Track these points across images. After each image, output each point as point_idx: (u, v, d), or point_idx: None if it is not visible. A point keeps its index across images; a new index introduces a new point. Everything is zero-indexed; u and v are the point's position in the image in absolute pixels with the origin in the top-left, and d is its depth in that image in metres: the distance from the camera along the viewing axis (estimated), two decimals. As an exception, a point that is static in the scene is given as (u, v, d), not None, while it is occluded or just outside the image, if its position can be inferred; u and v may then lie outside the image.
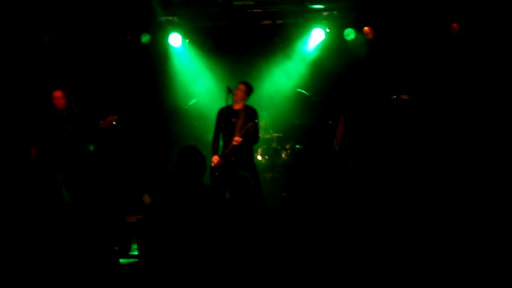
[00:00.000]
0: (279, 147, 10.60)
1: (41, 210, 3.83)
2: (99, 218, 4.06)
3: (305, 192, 4.83)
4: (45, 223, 3.79)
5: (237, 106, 8.36)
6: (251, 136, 8.23)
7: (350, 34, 10.24)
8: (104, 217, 6.54)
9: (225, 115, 8.29)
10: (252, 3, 10.30)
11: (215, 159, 8.29)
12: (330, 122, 10.06)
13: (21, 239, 3.71)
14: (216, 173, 8.22)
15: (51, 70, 10.26)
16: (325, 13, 10.75)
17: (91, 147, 7.93)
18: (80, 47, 10.51)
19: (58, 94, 7.67)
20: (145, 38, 10.77)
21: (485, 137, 8.90)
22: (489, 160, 8.54)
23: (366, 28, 10.19)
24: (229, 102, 8.34)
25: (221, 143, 8.53)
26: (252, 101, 8.68)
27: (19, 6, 9.54)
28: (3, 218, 3.75)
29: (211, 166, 8.25)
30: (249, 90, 8.40)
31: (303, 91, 10.82)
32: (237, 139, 8.11)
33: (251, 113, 8.31)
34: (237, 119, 8.26)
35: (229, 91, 8.24)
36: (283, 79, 11.10)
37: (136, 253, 7.03)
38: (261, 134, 9.60)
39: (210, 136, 8.60)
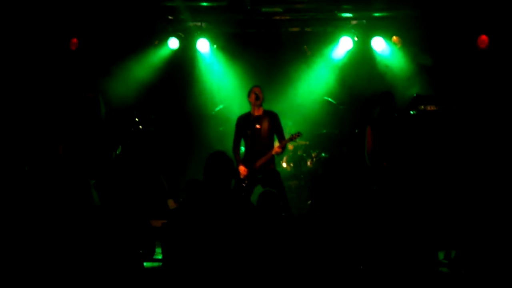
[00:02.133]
0: (304, 155, 10.56)
1: (70, 212, 3.86)
2: (125, 221, 4.08)
3: (331, 200, 4.78)
4: (74, 225, 3.81)
5: (258, 112, 8.17)
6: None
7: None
8: (130, 221, 6.57)
9: (248, 122, 8.14)
10: (281, 10, 10.29)
11: (243, 170, 8.07)
12: (356, 130, 10.00)
13: (49, 240, 3.74)
14: (246, 183, 8.07)
15: (81, 73, 10.33)
16: (354, 22, 10.74)
17: (118, 150, 7.93)
18: (110, 50, 10.58)
19: (90, 96, 7.66)
20: (173, 44, 10.84)
21: None
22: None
23: (394, 37, 10.16)
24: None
25: (242, 149, 8.44)
26: (279, 108, 8.64)
27: (52, 8, 9.63)
28: (34, 219, 3.79)
29: (239, 177, 8.05)
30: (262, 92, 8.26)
31: (330, 99, 10.78)
32: (277, 150, 8.01)
33: (273, 118, 8.17)
34: (261, 125, 8.13)
35: (257, 97, 8.10)
36: (310, 87, 11.06)
37: (160, 257, 7.05)
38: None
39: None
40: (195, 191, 4.79)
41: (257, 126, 8.10)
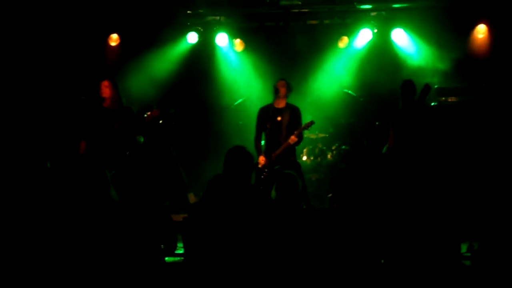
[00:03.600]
0: (324, 147, 10.53)
1: (89, 208, 3.87)
2: (146, 216, 4.09)
3: (352, 193, 4.76)
4: (93, 221, 3.83)
5: (280, 105, 8.17)
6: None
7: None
8: (150, 215, 6.58)
9: (269, 114, 8.15)
10: (299, 2, 10.25)
11: (262, 159, 8.11)
12: (377, 123, 9.95)
13: (69, 236, 3.76)
14: (265, 174, 8.09)
15: (101, 66, 10.37)
16: (373, 13, 10.68)
17: (141, 139, 7.90)
18: (129, 45, 10.64)
19: (105, 83, 7.61)
20: (192, 38, 10.88)
21: None
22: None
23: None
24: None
25: (262, 142, 8.44)
26: (298, 101, 8.61)
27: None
28: (55, 215, 3.81)
29: (258, 167, 8.08)
30: (289, 87, 8.24)
31: (350, 91, 10.73)
32: (293, 138, 7.99)
33: (294, 111, 8.18)
34: (282, 117, 8.13)
35: (277, 91, 8.11)
36: (330, 79, 11.03)
37: (181, 251, 7.07)
38: (307, 134, 9.52)
39: (253, 136, 8.47)
40: (214, 184, 4.79)
41: (278, 118, 8.10)
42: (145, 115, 7.64)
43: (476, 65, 9.83)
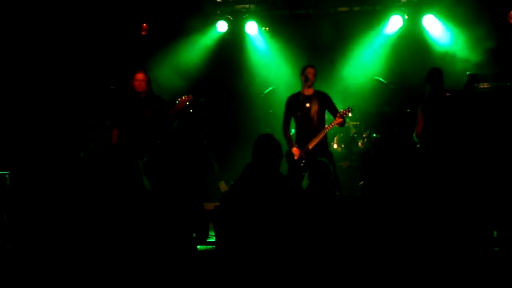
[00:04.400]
0: (355, 135, 10.48)
1: (122, 197, 3.92)
2: (178, 205, 4.12)
3: (384, 182, 4.76)
4: (126, 210, 3.87)
5: (309, 92, 8.09)
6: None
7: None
8: (182, 204, 6.63)
9: (298, 101, 8.07)
10: (329, -11, 10.22)
11: (296, 151, 7.98)
12: (408, 110, 9.87)
13: (103, 225, 3.81)
14: (302, 165, 7.99)
15: (133, 57, 10.43)
16: (404, 0, 10.58)
17: (174, 125, 7.90)
18: (160, 34, 10.68)
19: (140, 76, 7.68)
20: (222, 27, 10.90)
21: None
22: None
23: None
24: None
25: (292, 131, 8.40)
26: (328, 89, 8.57)
27: None
28: (89, 204, 3.86)
29: (294, 159, 7.96)
30: (316, 73, 8.19)
31: (380, 78, 10.65)
32: (337, 121, 7.91)
33: (324, 98, 8.10)
34: (311, 104, 8.07)
35: (306, 78, 8.05)
36: (361, 67, 10.97)
37: (213, 240, 7.11)
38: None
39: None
40: (246, 174, 4.81)
41: (307, 105, 8.03)
42: (177, 101, 7.63)
43: (510, 52, 9.67)
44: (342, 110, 7.99)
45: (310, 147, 7.95)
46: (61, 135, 8.97)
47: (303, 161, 7.93)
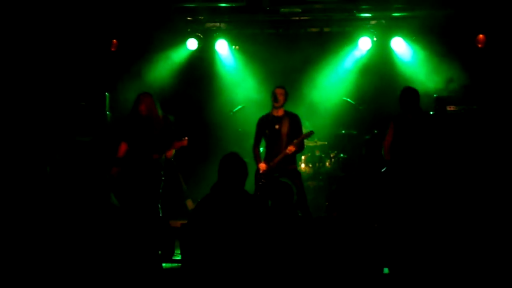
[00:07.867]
0: (323, 155, 10.53)
1: (88, 213, 3.88)
2: (144, 222, 4.09)
3: (352, 202, 4.76)
4: (92, 226, 3.83)
5: (279, 113, 8.11)
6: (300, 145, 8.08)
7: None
8: (148, 221, 6.58)
9: (268, 122, 8.11)
10: (300, 10, 10.28)
11: (263, 166, 8.06)
12: (375, 131, 9.95)
13: (68, 240, 3.76)
14: (263, 181, 8.07)
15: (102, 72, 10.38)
16: (373, 22, 10.73)
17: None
18: (128, 52, 10.65)
19: (143, 97, 7.67)
20: (192, 44, 10.90)
21: None
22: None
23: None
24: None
25: (261, 149, 8.42)
26: (297, 109, 8.60)
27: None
28: (53, 219, 3.81)
29: (258, 173, 8.06)
30: (287, 94, 8.21)
31: (349, 99, 10.74)
32: (291, 148, 7.93)
33: (294, 119, 8.11)
34: (280, 126, 8.09)
35: (275, 98, 8.06)
36: (329, 87, 11.06)
37: (179, 257, 7.06)
38: (305, 142, 9.51)
39: (252, 142, 8.46)
40: (211, 192, 4.81)
41: (276, 126, 8.05)
42: (183, 139, 7.80)
43: (476, 75, 9.83)
44: (303, 134, 8.03)
45: (274, 162, 7.98)
46: (28, 150, 8.85)
47: (262, 179, 7.99)
